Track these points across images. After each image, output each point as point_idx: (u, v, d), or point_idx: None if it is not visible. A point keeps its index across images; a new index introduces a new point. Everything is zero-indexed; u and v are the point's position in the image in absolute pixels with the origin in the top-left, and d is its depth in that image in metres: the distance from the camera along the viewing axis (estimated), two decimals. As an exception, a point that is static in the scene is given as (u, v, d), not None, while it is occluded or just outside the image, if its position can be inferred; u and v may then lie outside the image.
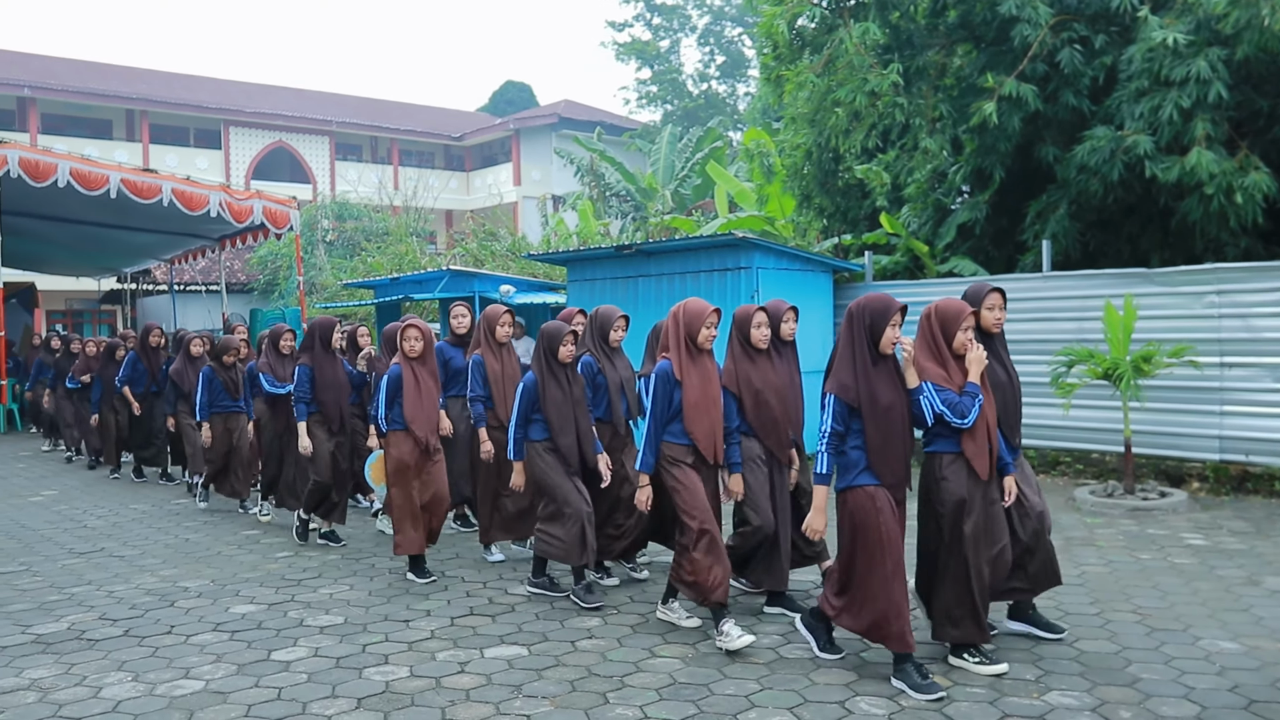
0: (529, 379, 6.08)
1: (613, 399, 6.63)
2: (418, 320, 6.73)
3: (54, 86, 34.05)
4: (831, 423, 4.60)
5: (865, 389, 4.57)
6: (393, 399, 6.58)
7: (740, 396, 5.60)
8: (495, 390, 6.98)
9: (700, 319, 5.38)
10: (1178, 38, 9.49)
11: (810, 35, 12.78)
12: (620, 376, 6.71)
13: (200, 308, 26.34)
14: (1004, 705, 4.31)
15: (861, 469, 4.59)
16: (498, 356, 7.06)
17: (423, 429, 6.58)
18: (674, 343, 5.39)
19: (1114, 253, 11.45)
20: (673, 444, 5.37)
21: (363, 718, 4.34)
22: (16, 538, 8.44)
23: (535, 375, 6.04)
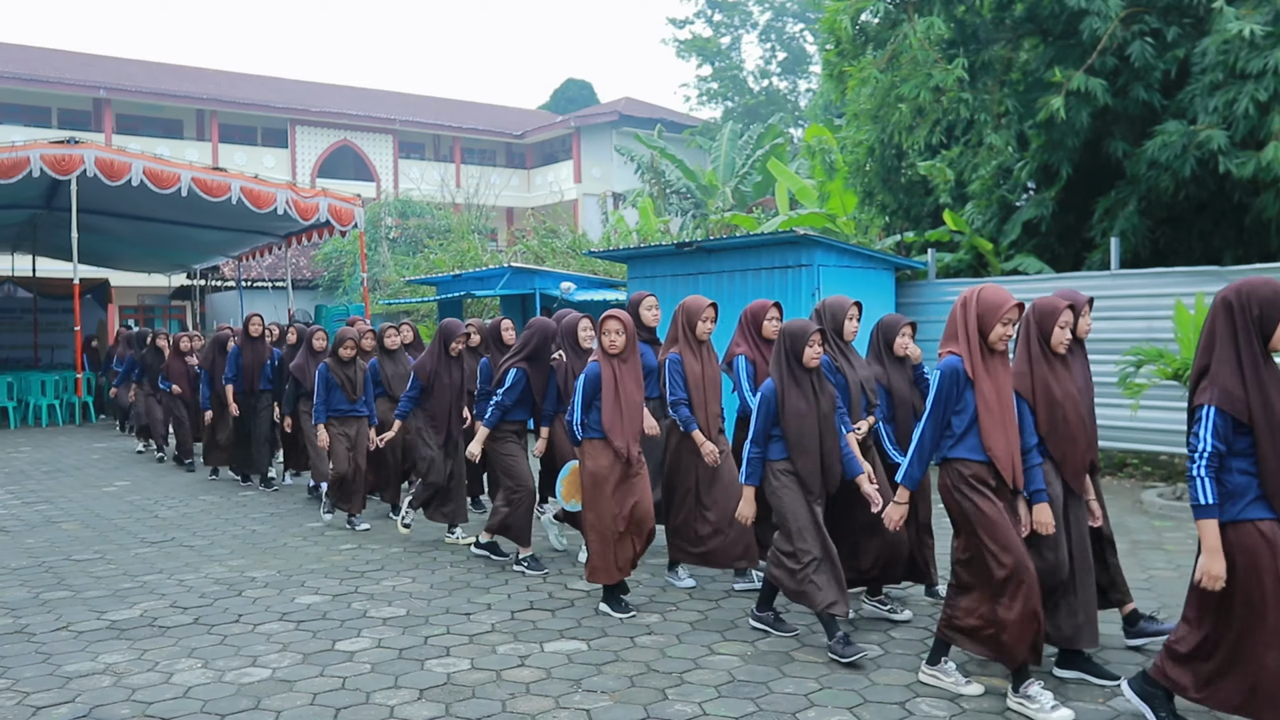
0: (768, 387, 5.13)
1: None
2: (619, 311, 5.84)
3: (128, 87, 34.92)
4: (1211, 440, 3.68)
5: (1258, 398, 3.65)
6: (590, 402, 5.75)
7: (1035, 407, 4.56)
8: (695, 395, 6.10)
9: (999, 311, 4.30)
10: (1255, 29, 9.26)
11: (874, 30, 12.66)
12: None
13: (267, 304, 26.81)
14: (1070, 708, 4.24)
15: (1251, 499, 3.69)
16: (697, 355, 6.16)
17: (622, 438, 5.68)
18: (961, 335, 4.36)
19: (1185, 250, 11.20)
20: (969, 460, 4.33)
21: (425, 709, 4.40)
22: (92, 527, 8.68)
23: (774, 382, 5.10)
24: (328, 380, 8.43)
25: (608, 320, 5.76)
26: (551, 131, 44.07)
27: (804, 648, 5.11)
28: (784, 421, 5.06)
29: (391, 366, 8.95)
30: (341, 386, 8.45)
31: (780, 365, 5.14)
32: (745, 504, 5.25)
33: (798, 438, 5.06)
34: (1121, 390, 8.89)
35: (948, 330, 4.46)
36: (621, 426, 5.70)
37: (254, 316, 10.68)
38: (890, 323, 5.84)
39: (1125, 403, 9.03)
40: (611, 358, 5.77)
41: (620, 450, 5.68)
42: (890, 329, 5.81)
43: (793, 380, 5.09)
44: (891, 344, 5.78)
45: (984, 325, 4.32)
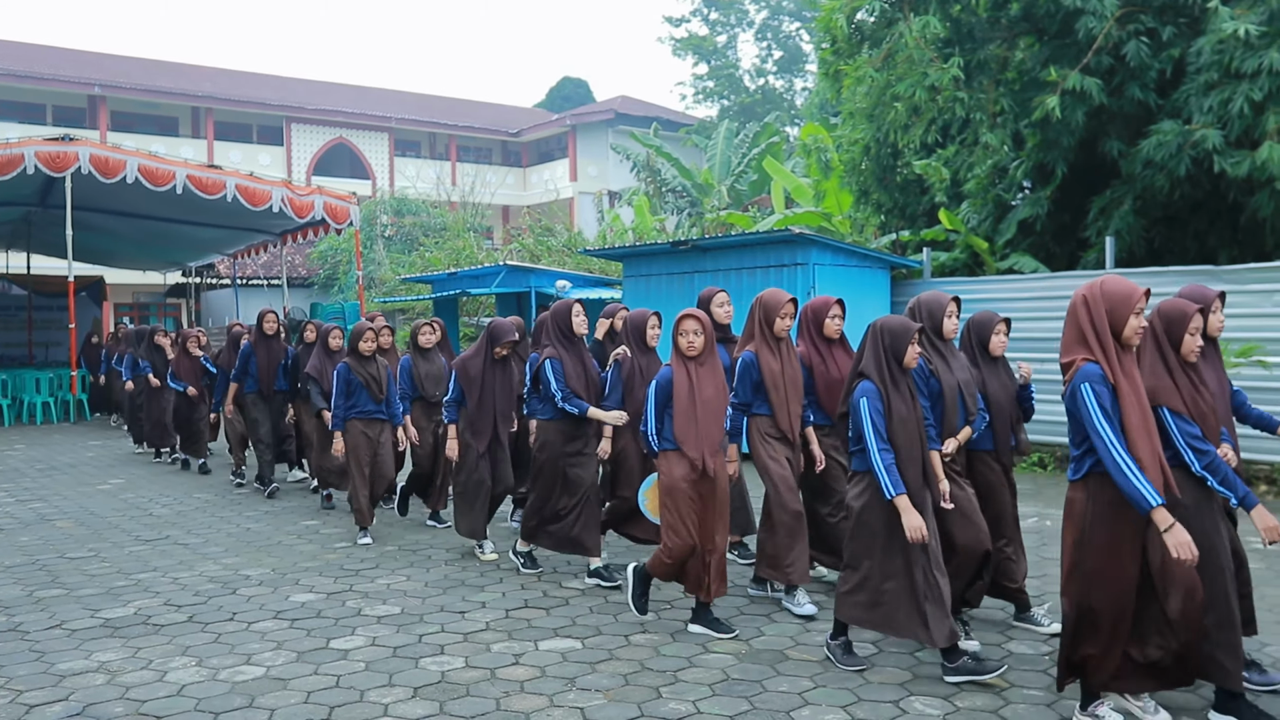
0: (868, 389, 4.65)
1: None
2: (697, 310, 5.46)
3: (123, 85, 34.85)
4: None
5: None
6: (662, 410, 5.30)
7: None
8: (775, 395, 5.67)
9: (1130, 302, 3.86)
10: (1250, 29, 9.27)
11: (869, 29, 12.67)
12: None
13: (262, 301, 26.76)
14: (1060, 708, 4.25)
15: None
16: (775, 353, 5.72)
17: (697, 448, 5.22)
18: (1091, 337, 3.90)
19: (1180, 250, 11.21)
20: None
21: (419, 707, 4.39)
22: (86, 524, 8.66)
23: (876, 385, 4.65)
24: (349, 380, 7.77)
25: (685, 320, 5.28)
26: (547, 130, 44.04)
27: (798, 646, 5.12)
28: (891, 427, 4.61)
29: (425, 365, 8.40)
30: (366, 386, 7.79)
31: (881, 367, 4.66)
32: (909, 515, 4.46)
33: (906, 446, 4.62)
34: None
35: (1069, 334, 3.97)
36: (696, 436, 5.22)
37: (269, 313, 10.08)
38: (984, 320, 5.32)
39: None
40: (688, 361, 5.29)
41: (696, 462, 5.22)
42: (984, 327, 5.30)
43: (892, 382, 4.66)
44: (987, 344, 5.28)
45: (1115, 321, 3.87)
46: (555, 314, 6.65)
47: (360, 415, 7.83)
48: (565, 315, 6.60)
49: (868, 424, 4.58)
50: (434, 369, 8.41)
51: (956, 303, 5.19)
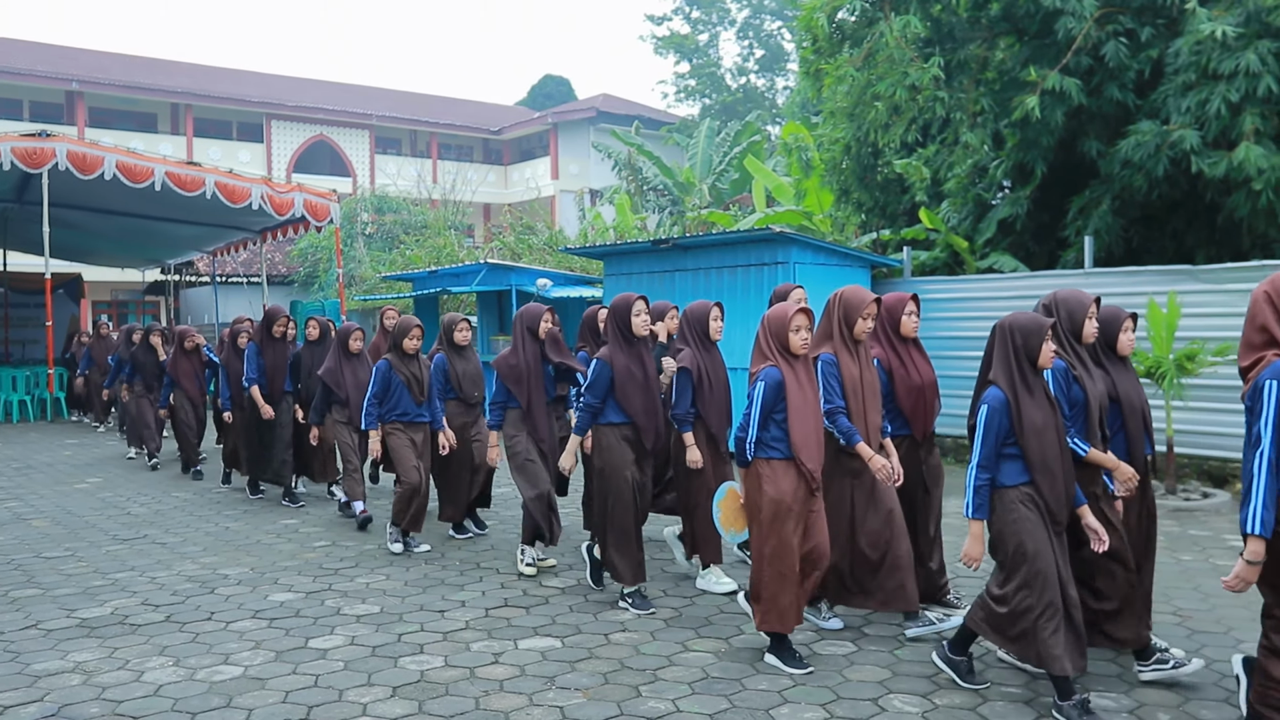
0: (997, 397, 4.24)
1: None
2: (806, 305, 4.98)
3: (101, 80, 34.57)
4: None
5: None
6: (769, 414, 4.75)
7: None
8: (853, 403, 5.14)
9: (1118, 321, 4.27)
10: (1227, 30, 9.34)
11: (850, 29, 12.69)
12: None
13: (242, 299, 26.63)
14: (1040, 706, 4.27)
15: None
16: (855, 357, 5.20)
17: (813, 458, 4.76)
18: None
19: (1158, 249, 11.29)
20: None
21: (398, 706, 4.38)
22: (62, 524, 8.60)
23: (1005, 395, 4.23)
24: (389, 380, 7.31)
25: (800, 315, 4.77)
26: (529, 128, 43.97)
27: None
28: (1023, 438, 4.19)
29: (461, 364, 7.77)
30: (408, 386, 7.32)
31: (1010, 369, 4.25)
32: (974, 542, 4.25)
33: (1040, 457, 4.19)
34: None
35: (1248, 335, 3.69)
36: (813, 445, 4.76)
37: (280, 315, 9.55)
38: (1111, 316, 4.73)
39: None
40: (795, 360, 4.79)
41: (814, 475, 4.76)
42: (1111, 324, 4.72)
43: (1025, 387, 4.23)
44: (1114, 342, 4.73)
45: None
46: (615, 312, 5.93)
47: (400, 419, 7.38)
48: (625, 313, 5.87)
49: (979, 437, 4.26)
50: (471, 368, 7.81)
51: (1097, 304, 4.60)
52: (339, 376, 8.31)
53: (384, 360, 7.35)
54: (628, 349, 5.86)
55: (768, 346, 4.80)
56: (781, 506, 4.70)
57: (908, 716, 4.20)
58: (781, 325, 4.76)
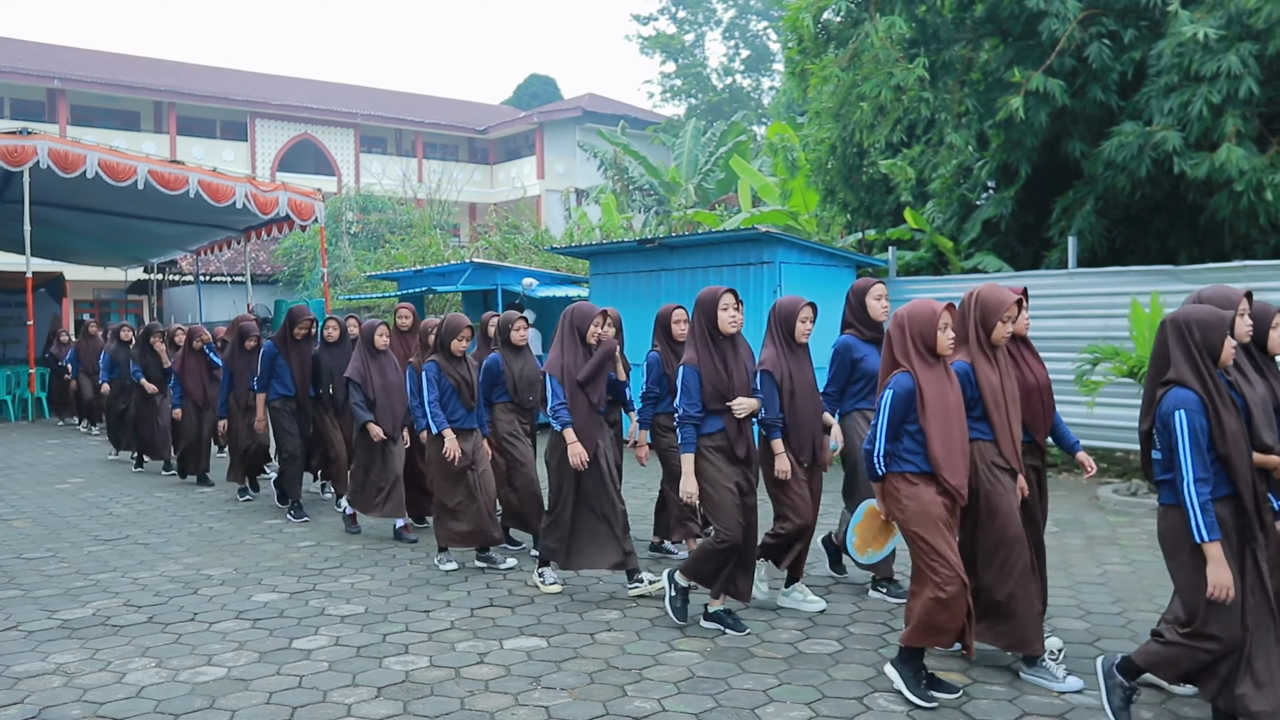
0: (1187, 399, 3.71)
1: None
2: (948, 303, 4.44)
3: (83, 78, 34.35)
4: None
5: None
6: (899, 425, 4.31)
7: None
8: (996, 416, 4.66)
9: None
10: (1208, 32, 9.39)
11: (836, 29, 12.72)
12: None
13: (225, 298, 26.54)
14: (1023, 704, 4.29)
15: None
16: (994, 364, 4.70)
17: (958, 471, 4.31)
18: None
19: (1141, 250, 11.35)
20: None
21: (382, 706, 4.36)
22: (44, 524, 8.54)
23: (1198, 395, 3.72)
24: (440, 383, 6.73)
25: (947, 312, 4.36)
26: (515, 127, 43.90)
27: (763, 644, 5.13)
28: (1225, 446, 3.69)
29: (518, 365, 7.06)
30: (458, 390, 6.76)
31: (1198, 368, 3.75)
32: (1220, 568, 3.63)
33: (1242, 468, 3.71)
34: (1078, 387, 9.00)
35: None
36: (957, 456, 4.32)
37: (305, 317, 8.74)
38: (1259, 312, 4.22)
39: (1082, 400, 9.14)
40: (936, 363, 4.36)
41: (957, 490, 4.30)
42: (1261, 319, 4.21)
43: (1215, 387, 3.74)
44: (1264, 340, 4.22)
45: None
46: (701, 306, 5.42)
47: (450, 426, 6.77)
48: (712, 309, 5.35)
49: (1187, 447, 3.68)
50: (528, 369, 7.10)
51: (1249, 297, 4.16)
52: (366, 376, 7.64)
53: (432, 363, 6.75)
54: (714, 348, 5.35)
55: (905, 348, 4.33)
56: (929, 521, 4.26)
57: (893, 715, 4.21)
58: (929, 323, 4.29)
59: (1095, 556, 6.85)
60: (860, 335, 5.74)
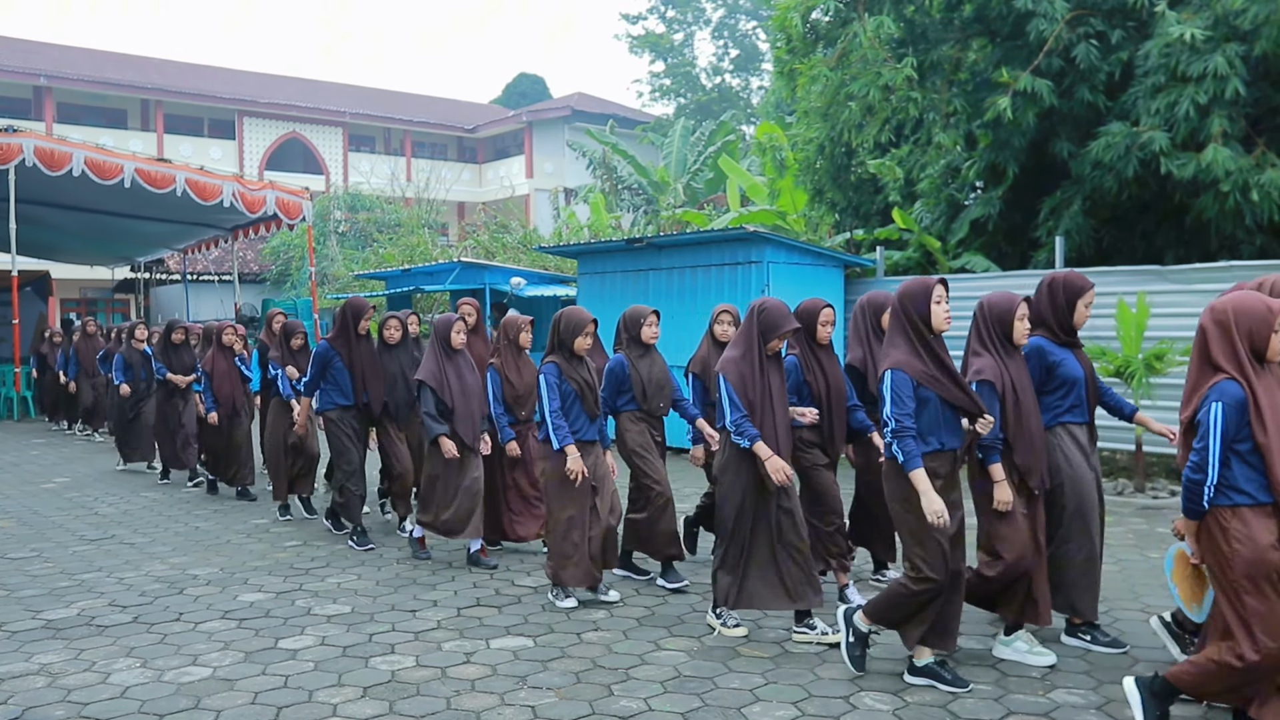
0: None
1: None
2: None
3: (70, 76, 34.19)
4: None
5: None
6: (1231, 445, 3.62)
7: None
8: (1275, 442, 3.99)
9: None
10: (1195, 33, 9.43)
11: (824, 29, 12.74)
12: None
13: (213, 297, 26.44)
14: (1009, 703, 4.30)
15: None
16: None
17: None
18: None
19: (1128, 250, 11.39)
20: None
21: (368, 706, 4.35)
22: (29, 524, 8.49)
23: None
24: (561, 388, 5.86)
25: None
26: (503, 126, 43.84)
27: (750, 643, 5.13)
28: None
29: (646, 367, 6.31)
30: (581, 397, 5.89)
31: (1241, 359, 3.64)
32: None
33: None
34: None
35: None
36: None
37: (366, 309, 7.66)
38: None
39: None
40: (1263, 370, 3.68)
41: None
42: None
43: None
44: None
45: None
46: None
47: None
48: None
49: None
50: (658, 372, 6.35)
51: None
52: (443, 379, 6.74)
53: (551, 364, 5.87)
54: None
55: (1231, 350, 3.68)
56: (1262, 568, 3.55)
57: (879, 714, 4.21)
58: (1263, 322, 3.66)
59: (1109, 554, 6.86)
60: (1055, 339, 4.97)
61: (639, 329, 6.31)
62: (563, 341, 5.93)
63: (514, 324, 6.83)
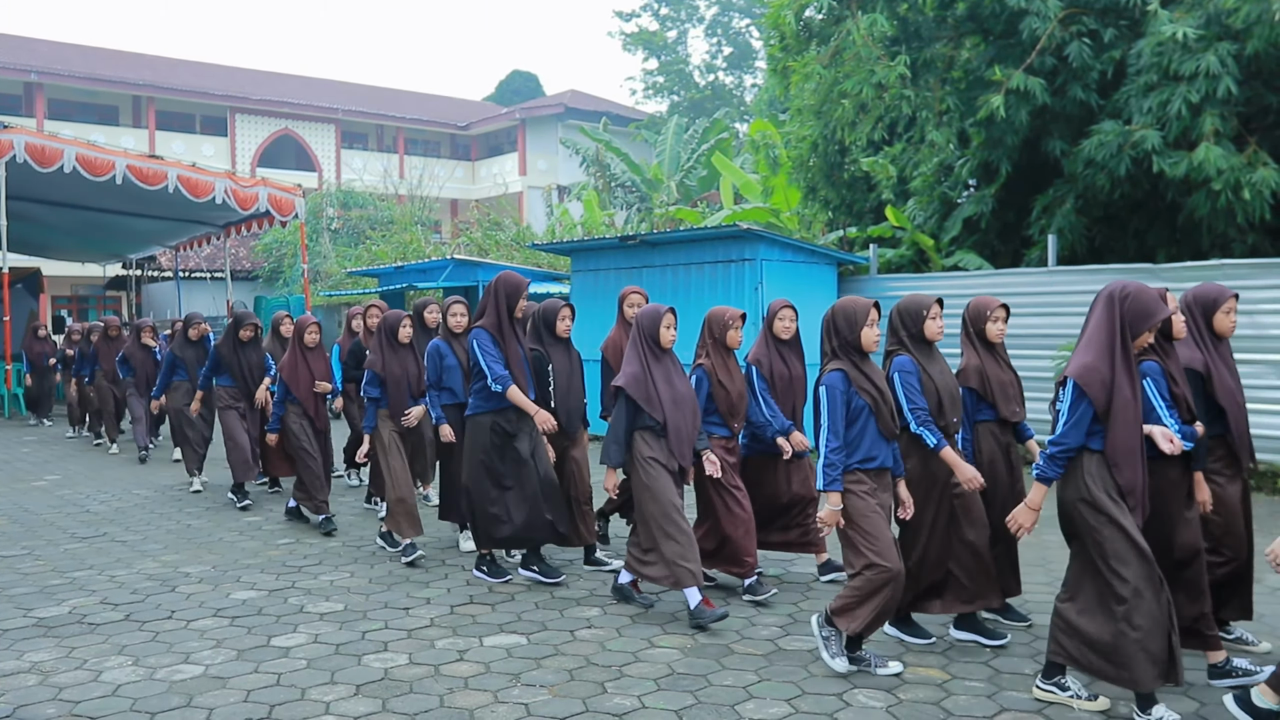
0: None
1: None
2: None
3: (61, 72, 34.08)
4: None
5: None
6: None
7: None
8: None
9: None
10: (1187, 32, 9.45)
11: (818, 26, 12.73)
12: None
13: (205, 295, 26.37)
14: (1002, 699, 4.31)
15: None
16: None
17: None
18: None
19: (1120, 248, 11.42)
20: None
21: (361, 704, 4.34)
22: (20, 522, 8.46)
23: None
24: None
25: None
26: (497, 123, 43.81)
27: (743, 640, 5.13)
28: None
29: (780, 364, 5.94)
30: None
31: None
32: None
33: None
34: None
35: None
36: None
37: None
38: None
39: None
40: None
41: None
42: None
43: None
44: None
45: None
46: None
47: None
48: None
49: None
50: (796, 368, 6.03)
51: None
52: (649, 389, 5.50)
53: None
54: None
55: None
56: None
57: (872, 711, 4.22)
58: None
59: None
60: None
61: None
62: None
63: (720, 319, 5.82)
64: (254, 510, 8.82)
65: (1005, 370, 5.20)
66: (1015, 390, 5.21)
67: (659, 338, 5.52)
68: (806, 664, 4.77)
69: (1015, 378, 5.26)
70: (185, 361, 10.17)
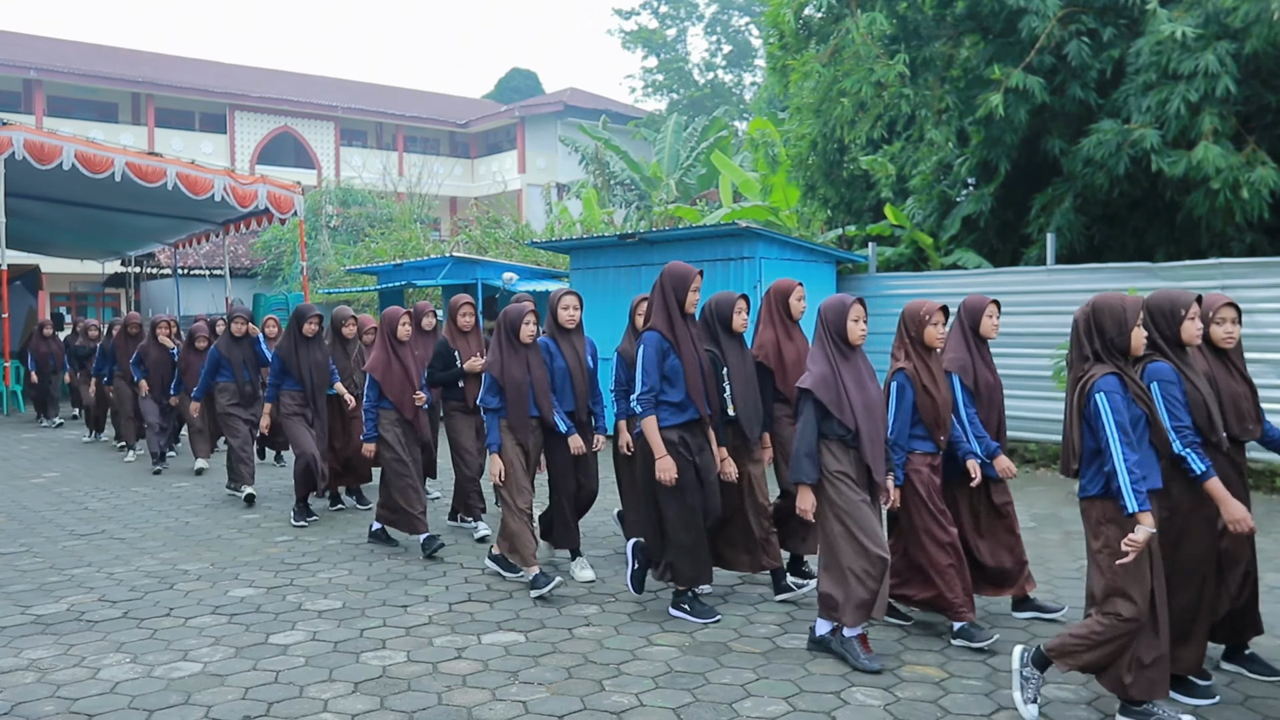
0: None
1: None
2: None
3: (60, 69, 34.05)
4: None
5: None
6: None
7: None
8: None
9: None
10: (1186, 31, 9.45)
11: (817, 25, 12.74)
12: None
13: (204, 292, 26.34)
14: (999, 698, 4.31)
15: None
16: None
17: None
18: None
19: (1119, 247, 11.42)
20: None
21: (359, 702, 4.34)
22: (18, 519, 8.46)
23: None
24: None
25: None
26: (496, 121, 43.79)
27: (741, 638, 5.14)
28: None
29: (985, 370, 5.34)
30: None
31: None
32: None
33: None
34: (1056, 383, 9.05)
35: None
36: None
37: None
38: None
39: (1060, 395, 9.19)
40: None
41: None
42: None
43: None
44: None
45: None
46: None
47: None
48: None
49: None
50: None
51: None
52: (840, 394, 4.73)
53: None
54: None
55: None
56: None
57: (869, 709, 4.22)
58: None
59: (1072, 550, 6.89)
60: None
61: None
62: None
63: (915, 314, 5.06)
64: (253, 509, 8.81)
65: (1238, 380, 4.42)
66: (1249, 404, 4.40)
67: (846, 333, 4.80)
68: (804, 662, 4.78)
69: (1250, 389, 4.44)
70: (232, 362, 9.24)
